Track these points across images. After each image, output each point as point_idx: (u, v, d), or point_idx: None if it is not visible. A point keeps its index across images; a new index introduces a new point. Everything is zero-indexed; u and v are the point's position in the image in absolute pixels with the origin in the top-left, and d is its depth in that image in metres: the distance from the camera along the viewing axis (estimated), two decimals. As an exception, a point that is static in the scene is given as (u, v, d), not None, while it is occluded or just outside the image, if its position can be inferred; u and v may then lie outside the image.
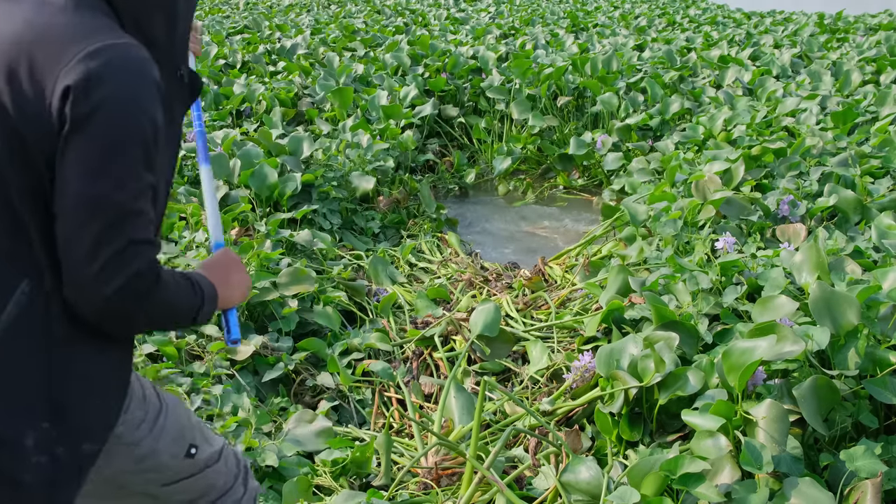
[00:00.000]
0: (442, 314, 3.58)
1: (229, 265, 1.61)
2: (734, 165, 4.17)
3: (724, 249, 3.22)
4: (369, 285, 3.89)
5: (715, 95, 6.14)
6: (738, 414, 2.21)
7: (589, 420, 2.76)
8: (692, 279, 3.02)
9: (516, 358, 3.33)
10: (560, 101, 6.47)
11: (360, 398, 3.03)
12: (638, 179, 4.97)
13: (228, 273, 1.59)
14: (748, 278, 2.98)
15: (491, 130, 6.54)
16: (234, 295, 1.59)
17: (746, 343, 2.31)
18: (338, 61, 7.45)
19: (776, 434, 2.12)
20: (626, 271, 3.33)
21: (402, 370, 3.17)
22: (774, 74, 6.89)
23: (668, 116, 5.93)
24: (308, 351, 3.14)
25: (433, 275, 4.26)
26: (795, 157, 4.37)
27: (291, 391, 3.03)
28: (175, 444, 1.54)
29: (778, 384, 2.34)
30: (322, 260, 3.96)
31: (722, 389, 2.36)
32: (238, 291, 1.60)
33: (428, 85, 6.82)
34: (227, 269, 1.60)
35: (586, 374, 2.83)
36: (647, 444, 2.50)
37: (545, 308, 3.76)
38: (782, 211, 3.74)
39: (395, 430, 2.88)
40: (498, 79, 6.82)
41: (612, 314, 3.08)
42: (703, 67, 7.16)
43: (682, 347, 2.69)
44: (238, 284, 1.60)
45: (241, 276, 1.61)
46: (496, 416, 2.87)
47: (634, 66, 7.11)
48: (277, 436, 2.62)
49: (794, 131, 5.10)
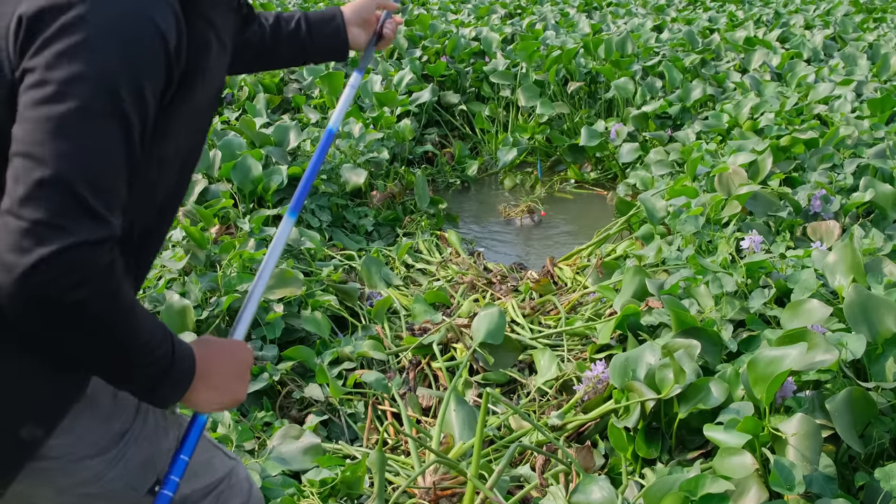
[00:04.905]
0: (441, 320, 3.58)
1: (231, 354, 1.42)
2: (761, 157, 4.16)
3: (750, 249, 3.22)
4: (362, 288, 3.89)
5: (740, 81, 6.14)
6: (765, 429, 2.21)
7: (602, 436, 2.76)
8: (715, 281, 3.02)
9: (522, 368, 3.33)
10: (571, 86, 6.47)
11: (351, 412, 3.02)
12: (656, 172, 4.97)
13: (223, 361, 1.39)
14: (776, 281, 2.97)
15: (495, 119, 6.54)
16: (214, 395, 1.36)
17: (775, 352, 2.31)
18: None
19: (807, 451, 2.12)
20: (643, 273, 3.33)
21: (398, 381, 3.16)
22: (805, 58, 6.89)
23: (689, 104, 5.93)
24: (294, 360, 3.14)
25: (432, 277, 4.26)
26: (828, 149, 4.36)
27: (276, 404, 3.03)
28: (138, 474, 1.42)
29: (809, 397, 2.34)
30: (310, 260, 3.96)
31: (748, 402, 2.36)
32: (222, 393, 1.37)
33: (426, 69, 6.82)
34: (224, 356, 1.41)
35: (599, 386, 2.83)
36: (665, 463, 2.49)
37: (554, 313, 3.75)
38: (814, 207, 3.74)
39: (389, 447, 2.88)
40: (503, 63, 6.82)
41: (627, 320, 3.07)
42: (727, 50, 7.16)
43: (704, 356, 2.69)
44: (225, 386, 1.38)
45: (235, 377, 1.40)
46: (500, 432, 2.87)
47: (652, 48, 7.11)
48: (261, 454, 2.62)
49: (826, 120, 5.10)
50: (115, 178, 1.17)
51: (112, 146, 1.17)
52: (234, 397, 1.40)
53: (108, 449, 1.39)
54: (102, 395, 1.40)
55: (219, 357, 1.39)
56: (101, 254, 1.14)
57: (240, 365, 1.42)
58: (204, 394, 1.35)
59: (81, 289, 1.12)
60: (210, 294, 3.27)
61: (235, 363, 1.42)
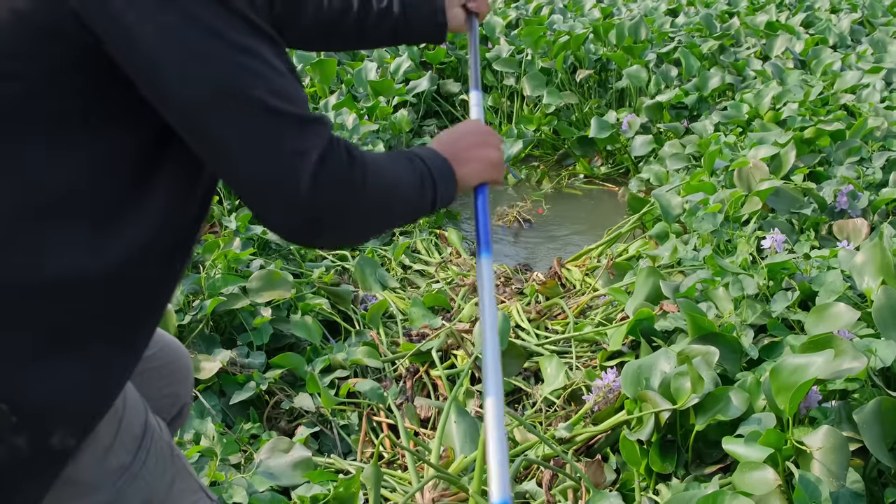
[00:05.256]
0: (441, 325, 3.58)
1: (465, 131, 1.55)
2: (784, 150, 4.16)
3: (771, 249, 3.21)
4: (355, 291, 3.88)
5: (761, 68, 6.14)
6: (788, 442, 2.21)
7: (613, 449, 2.76)
8: (735, 284, 3.02)
9: (528, 376, 3.33)
10: (579, 74, 6.47)
11: (344, 423, 3.02)
12: (671, 167, 4.96)
13: (461, 139, 1.53)
14: (800, 283, 2.97)
15: (498, 109, 6.54)
16: (471, 169, 1.51)
17: (799, 359, 2.30)
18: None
19: (834, 466, 2.11)
20: (657, 274, 3.32)
21: (394, 390, 3.16)
22: (831, 44, 6.89)
23: (707, 93, 5.93)
24: (283, 368, 3.13)
25: (430, 279, 4.25)
26: (856, 141, 4.36)
27: (264, 415, 3.02)
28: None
29: (835, 407, 2.33)
30: (300, 261, 3.95)
31: (769, 413, 2.36)
32: (476, 165, 1.52)
33: (424, 56, 6.81)
34: (459, 135, 1.54)
35: (610, 396, 2.83)
36: (681, 478, 2.49)
37: (562, 318, 3.75)
38: (840, 203, 3.74)
39: (385, 461, 2.88)
40: (507, 49, 6.82)
41: (640, 325, 3.07)
42: (747, 35, 7.15)
43: (723, 364, 2.68)
44: (476, 156, 1.52)
45: (480, 145, 1.54)
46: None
47: (667, 33, 7.11)
48: (247, 468, 2.61)
49: (854, 110, 5.09)
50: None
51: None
52: (489, 157, 1.54)
53: (103, 487, 1.40)
54: (105, 427, 1.40)
55: (451, 135, 1.54)
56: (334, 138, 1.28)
57: (477, 134, 1.55)
58: (464, 171, 1.49)
59: (353, 164, 1.28)
60: (193, 297, 3.26)
61: (472, 134, 1.54)
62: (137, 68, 1.19)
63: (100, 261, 1.25)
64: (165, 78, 1.17)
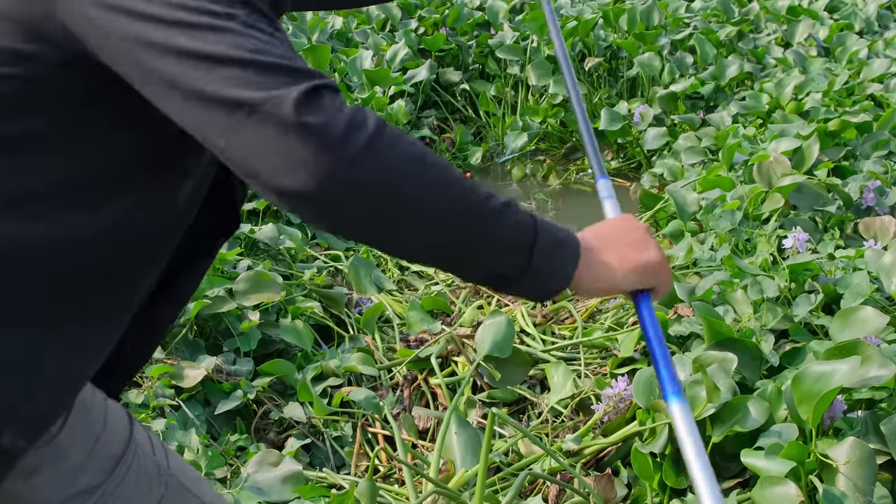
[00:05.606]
0: (440, 330, 3.58)
1: (615, 224, 1.37)
2: (807, 144, 4.16)
3: (793, 249, 3.22)
4: (349, 293, 3.89)
5: (782, 56, 6.14)
6: (812, 455, 2.21)
7: (624, 462, 2.76)
8: (754, 286, 3.02)
9: (533, 384, 3.33)
10: (588, 63, 6.47)
11: (337, 435, 3.02)
12: (686, 161, 4.96)
13: (611, 230, 1.34)
14: (824, 285, 2.97)
15: (502, 100, 6.54)
16: (617, 260, 1.30)
17: (822, 366, 2.30)
18: (310, 13, 7.45)
19: (860, 481, 2.12)
20: (672, 276, 3.32)
21: (391, 400, 3.16)
22: (857, 30, 6.88)
23: (724, 82, 5.93)
24: (273, 376, 3.14)
25: (429, 280, 4.26)
26: (884, 134, 4.36)
27: (252, 426, 3.03)
28: None
29: (862, 417, 2.34)
30: (290, 262, 3.96)
31: (791, 424, 2.36)
32: (625, 261, 1.30)
33: (423, 43, 6.82)
34: (608, 226, 1.37)
35: (621, 405, 2.83)
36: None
37: (569, 322, 3.75)
38: (867, 200, 3.74)
39: (381, 475, 2.88)
40: (511, 35, 6.82)
41: (653, 330, 3.07)
42: (767, 21, 7.15)
43: (742, 371, 2.69)
44: (627, 252, 1.31)
45: (633, 242, 1.33)
46: (508, 458, 2.87)
47: (682, 19, 7.11)
48: (234, 482, 2.61)
49: (881, 101, 5.09)
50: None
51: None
52: (647, 262, 1.33)
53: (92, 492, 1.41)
54: (78, 446, 1.40)
55: (605, 227, 1.36)
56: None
57: (632, 230, 1.35)
58: (605, 259, 1.29)
59: (364, 113, 1.12)
60: (176, 300, 3.26)
61: (623, 228, 1.36)
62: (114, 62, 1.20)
63: (73, 244, 1.27)
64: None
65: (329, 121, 1.09)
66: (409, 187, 1.14)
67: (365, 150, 1.10)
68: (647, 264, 1.33)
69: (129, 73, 1.17)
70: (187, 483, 1.57)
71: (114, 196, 1.29)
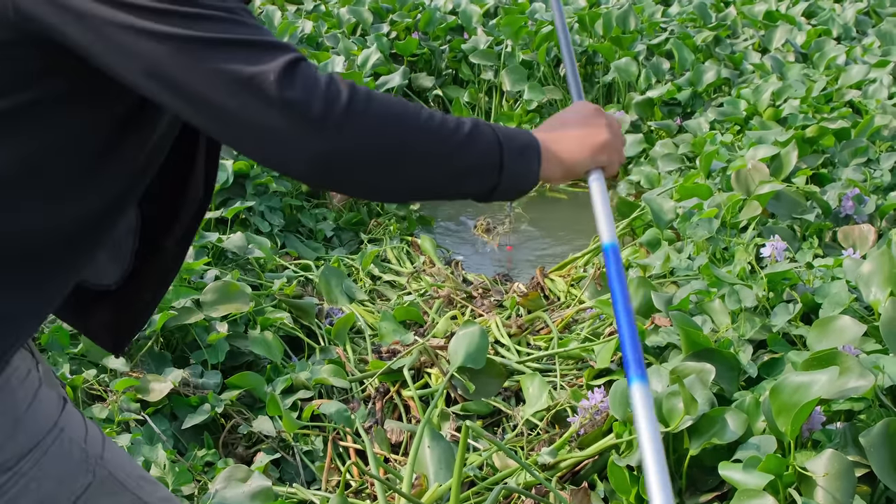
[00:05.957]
0: (413, 341, 3.58)
1: (566, 110, 1.52)
2: (785, 151, 4.19)
3: (771, 257, 3.23)
4: (320, 304, 3.88)
5: (760, 62, 6.18)
6: (790, 468, 2.22)
7: (601, 476, 2.76)
8: (732, 295, 3.03)
9: (508, 396, 3.33)
10: (563, 68, 6.49)
11: (308, 449, 3.01)
12: (663, 168, 4.99)
13: (558, 118, 1.50)
14: (803, 294, 2.99)
15: (476, 106, 6.55)
16: (570, 146, 1.44)
17: (801, 377, 2.31)
18: (279, 17, 7.43)
19: (839, 493, 2.12)
20: (649, 285, 3.33)
21: (363, 413, 3.16)
22: (835, 35, 6.94)
23: (701, 88, 5.97)
24: (241, 389, 3.12)
25: (402, 290, 4.25)
26: (862, 141, 4.40)
27: (220, 441, 3.01)
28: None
29: (840, 429, 2.35)
30: (259, 272, 3.94)
31: (770, 436, 2.37)
32: (578, 143, 1.45)
33: (395, 48, 6.82)
34: (557, 116, 1.51)
35: (597, 417, 2.83)
36: (674, 507, 2.50)
37: (545, 332, 3.76)
38: (845, 208, 3.76)
39: (352, 491, 2.87)
40: (484, 40, 6.84)
41: (630, 340, 3.07)
42: (744, 26, 7.21)
43: (719, 383, 2.70)
44: (578, 133, 1.46)
45: (582, 123, 1.48)
46: (482, 472, 2.87)
47: (658, 24, 7.16)
48: (202, 499, 2.60)
49: (860, 107, 5.14)
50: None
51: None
52: (597, 141, 1.47)
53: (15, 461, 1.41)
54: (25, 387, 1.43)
55: (553, 119, 1.50)
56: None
57: (581, 112, 1.50)
58: (560, 148, 1.43)
59: (337, 80, 1.24)
60: (141, 311, 3.24)
61: (574, 112, 1.50)
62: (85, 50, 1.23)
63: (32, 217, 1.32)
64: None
65: (310, 96, 1.20)
66: (392, 138, 1.27)
67: (345, 115, 1.22)
68: (599, 146, 1.47)
69: (106, 58, 1.22)
70: (122, 477, 1.56)
71: (78, 171, 1.34)
